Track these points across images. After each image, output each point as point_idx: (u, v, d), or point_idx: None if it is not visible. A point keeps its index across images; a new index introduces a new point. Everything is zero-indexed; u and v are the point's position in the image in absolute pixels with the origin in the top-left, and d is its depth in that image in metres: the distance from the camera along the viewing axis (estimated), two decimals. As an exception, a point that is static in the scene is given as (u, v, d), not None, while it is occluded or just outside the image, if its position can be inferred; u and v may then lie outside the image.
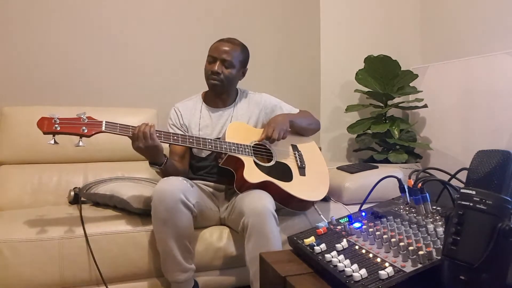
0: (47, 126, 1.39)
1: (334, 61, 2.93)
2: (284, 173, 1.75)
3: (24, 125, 2.03)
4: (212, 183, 1.85)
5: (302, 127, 1.93)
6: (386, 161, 2.62)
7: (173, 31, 2.53)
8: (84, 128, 1.44)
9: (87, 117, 1.46)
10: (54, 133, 1.40)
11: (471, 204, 0.72)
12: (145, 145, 1.52)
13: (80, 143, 1.43)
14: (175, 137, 1.61)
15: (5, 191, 1.95)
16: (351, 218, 1.14)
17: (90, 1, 2.35)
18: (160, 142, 1.56)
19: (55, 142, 1.40)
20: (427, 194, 1.06)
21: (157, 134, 1.55)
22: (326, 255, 0.93)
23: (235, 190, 1.68)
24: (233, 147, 1.68)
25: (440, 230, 0.93)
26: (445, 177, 1.10)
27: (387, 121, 2.74)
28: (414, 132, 2.81)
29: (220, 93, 1.86)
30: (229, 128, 1.76)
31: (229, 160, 1.68)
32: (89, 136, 1.45)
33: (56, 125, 1.40)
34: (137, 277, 1.65)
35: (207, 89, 1.88)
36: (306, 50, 2.86)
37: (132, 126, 1.53)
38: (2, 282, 1.46)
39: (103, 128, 1.48)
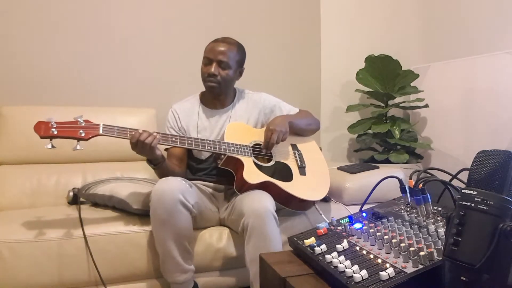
0: (44, 130, 1.38)
1: (335, 60, 2.92)
2: (284, 173, 1.75)
3: (22, 125, 2.02)
4: (211, 184, 1.84)
5: (301, 128, 1.91)
6: (387, 161, 2.61)
7: (172, 30, 2.52)
8: (81, 131, 1.43)
9: (84, 120, 1.45)
10: (51, 137, 1.39)
11: (472, 204, 0.72)
12: (144, 153, 1.55)
13: (78, 147, 1.42)
14: (174, 139, 1.60)
15: (3, 192, 1.94)
16: (351, 219, 1.14)
17: (89, 1, 2.35)
18: (159, 144, 1.56)
19: (52, 146, 1.38)
20: (428, 195, 1.05)
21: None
22: (326, 256, 0.93)
23: (235, 190, 1.67)
24: (233, 148, 1.67)
25: (441, 230, 0.92)
26: (446, 178, 1.09)
27: (388, 121, 2.73)
28: (415, 132, 2.80)
29: (218, 94, 1.85)
30: (228, 129, 1.75)
31: (228, 161, 1.67)
32: (86, 140, 1.44)
33: (53, 129, 1.39)
34: (136, 278, 1.64)
35: (204, 89, 1.87)
36: (306, 50, 2.86)
37: (130, 129, 1.52)
38: (1, 283, 1.45)
39: (101, 131, 1.46)
